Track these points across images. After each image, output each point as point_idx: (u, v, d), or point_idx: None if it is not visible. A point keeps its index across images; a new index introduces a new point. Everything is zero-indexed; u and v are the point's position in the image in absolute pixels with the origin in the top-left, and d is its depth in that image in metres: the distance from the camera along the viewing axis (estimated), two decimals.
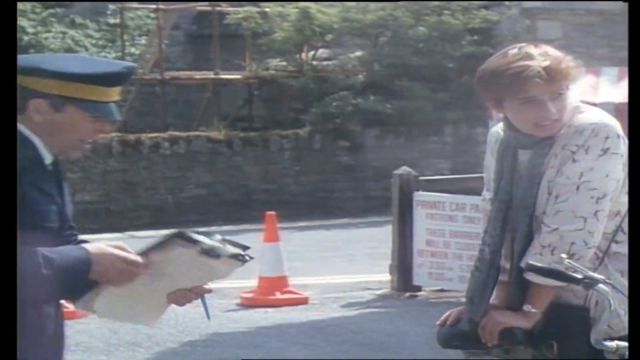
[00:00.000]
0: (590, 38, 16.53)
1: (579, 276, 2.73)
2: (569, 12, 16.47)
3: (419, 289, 8.99)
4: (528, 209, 2.93)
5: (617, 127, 2.93)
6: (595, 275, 2.75)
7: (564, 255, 2.79)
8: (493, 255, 3.02)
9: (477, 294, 3.00)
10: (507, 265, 3.03)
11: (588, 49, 16.32)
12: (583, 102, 3.07)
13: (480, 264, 3.05)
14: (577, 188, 2.87)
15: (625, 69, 6.75)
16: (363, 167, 16.18)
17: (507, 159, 3.02)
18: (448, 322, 3.06)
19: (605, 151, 2.88)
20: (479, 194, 3.23)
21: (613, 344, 2.80)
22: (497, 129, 3.15)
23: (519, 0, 16.52)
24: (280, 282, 8.76)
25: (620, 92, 6.31)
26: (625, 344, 2.78)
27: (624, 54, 14.39)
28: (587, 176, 2.87)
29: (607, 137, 2.89)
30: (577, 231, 2.85)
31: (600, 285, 2.73)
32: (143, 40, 17.95)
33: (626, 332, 2.84)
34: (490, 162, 3.11)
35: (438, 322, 3.06)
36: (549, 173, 2.93)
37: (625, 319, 2.83)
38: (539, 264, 2.80)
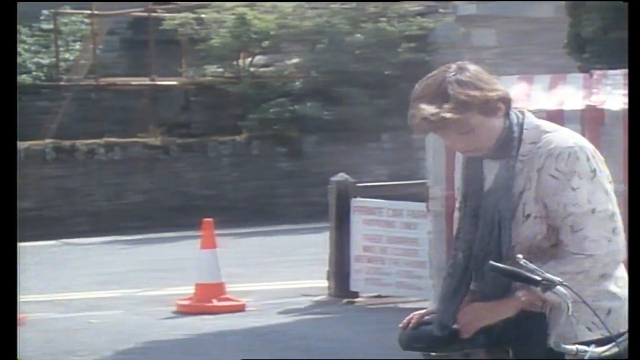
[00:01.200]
0: (525, 45, 16.71)
1: (537, 278, 2.76)
2: (504, 19, 16.64)
3: (356, 295, 9.00)
4: (503, 226, 2.97)
5: (590, 145, 3.02)
6: (554, 277, 2.79)
7: (520, 256, 2.83)
8: (466, 261, 3.04)
9: (448, 298, 3.02)
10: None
11: (522, 56, 16.52)
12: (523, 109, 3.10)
13: (453, 269, 3.07)
14: (592, 212, 2.94)
15: (558, 76, 6.82)
16: (303, 173, 16.18)
17: (473, 167, 3.08)
18: (410, 325, 3.06)
19: (594, 172, 2.96)
20: (417, 200, 3.26)
21: (573, 347, 2.84)
22: None
23: (456, 1, 16.65)
24: (217, 289, 8.72)
25: (552, 99, 6.37)
26: (585, 347, 2.81)
27: (559, 61, 14.60)
28: (594, 200, 2.94)
29: (588, 159, 2.96)
30: (610, 252, 2.93)
31: (559, 287, 2.76)
32: (78, 46, 17.76)
33: (577, 339, 2.88)
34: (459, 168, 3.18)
35: (400, 325, 3.08)
36: (527, 195, 2.97)
37: (578, 327, 2.87)
38: (501, 265, 2.83)
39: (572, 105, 6.19)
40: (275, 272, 10.77)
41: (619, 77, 6.48)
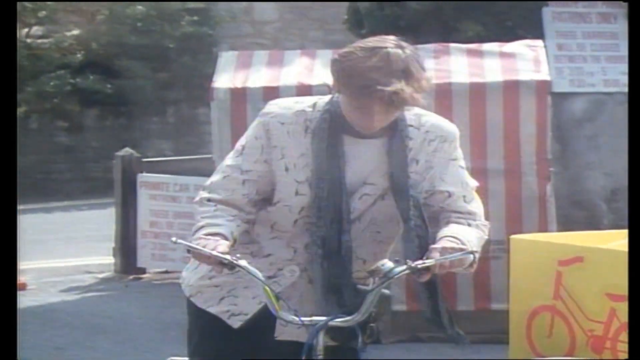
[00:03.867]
0: (304, 20, 16.95)
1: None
2: None
3: (143, 271, 8.94)
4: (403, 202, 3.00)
5: None
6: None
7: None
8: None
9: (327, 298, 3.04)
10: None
11: (302, 31, 16.76)
12: (301, 85, 3.15)
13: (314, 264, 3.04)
14: (473, 189, 3.14)
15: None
16: (82, 148, 15.85)
17: (332, 148, 3.00)
18: None
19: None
20: (203, 175, 3.24)
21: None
22: (292, 109, 3.07)
23: None
24: None
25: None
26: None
27: (336, 37, 14.86)
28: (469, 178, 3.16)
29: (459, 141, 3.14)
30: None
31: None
32: None
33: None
34: (285, 142, 3.03)
35: None
36: (418, 179, 3.03)
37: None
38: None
39: None
40: (55, 250, 10.53)
41: None
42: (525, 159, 6.49)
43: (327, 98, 3.07)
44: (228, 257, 2.85)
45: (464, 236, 2.98)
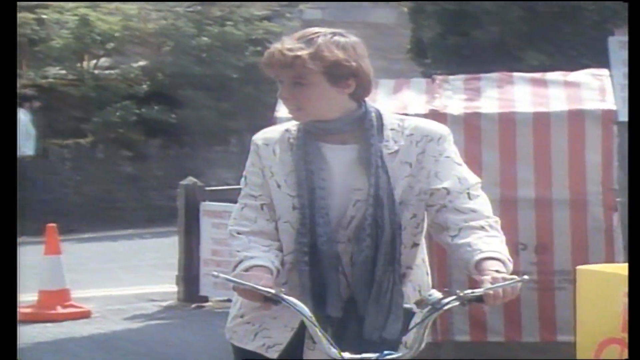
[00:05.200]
0: (367, 51, 16.99)
1: None
2: (347, 24, 16.83)
3: (205, 299, 8.97)
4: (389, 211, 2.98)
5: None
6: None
7: None
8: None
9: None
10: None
11: None
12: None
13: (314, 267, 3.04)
14: (475, 185, 3.08)
15: (402, 81, 6.96)
16: (147, 177, 16.00)
17: (313, 157, 3.03)
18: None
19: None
20: None
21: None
22: (277, 131, 3.15)
23: (302, 1, 16.79)
24: (61, 296, 8.54)
25: (396, 103, 6.51)
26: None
27: (400, 66, 14.84)
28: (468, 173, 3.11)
29: (452, 139, 3.12)
30: None
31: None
32: None
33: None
34: (271, 161, 3.08)
35: None
36: (412, 182, 3.01)
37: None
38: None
39: (415, 109, 6.33)
40: (119, 278, 10.62)
41: (459, 82, 6.66)
42: (591, 188, 6.40)
43: None
44: (272, 291, 2.85)
45: (500, 251, 2.92)
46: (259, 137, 3.16)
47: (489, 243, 2.91)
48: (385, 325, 2.93)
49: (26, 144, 14.64)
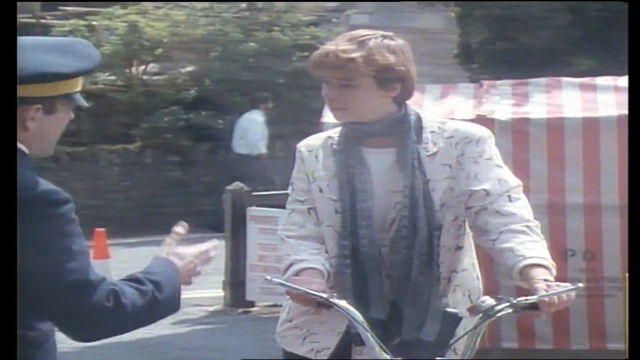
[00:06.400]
0: (414, 55, 16.95)
1: None
2: (392, 29, 16.66)
3: (252, 304, 8.99)
4: (430, 224, 2.98)
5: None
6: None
7: None
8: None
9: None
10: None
11: None
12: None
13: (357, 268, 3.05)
14: (516, 187, 3.05)
15: (449, 86, 6.93)
16: (193, 182, 16.08)
17: (354, 160, 3.04)
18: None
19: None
20: None
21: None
22: (320, 138, 3.18)
23: (349, 11, 16.79)
24: None
25: (443, 108, 6.48)
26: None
27: (447, 71, 14.78)
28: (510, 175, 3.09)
29: (493, 141, 3.10)
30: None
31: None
32: None
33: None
34: (314, 166, 3.11)
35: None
36: (452, 184, 3.00)
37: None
38: None
39: (462, 115, 6.30)
40: None
41: (507, 87, 6.62)
42: None
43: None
44: (325, 295, 2.84)
45: (544, 257, 2.87)
46: (303, 144, 3.21)
47: (532, 249, 2.87)
48: (422, 326, 2.92)
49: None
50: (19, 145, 2.53)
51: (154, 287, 2.61)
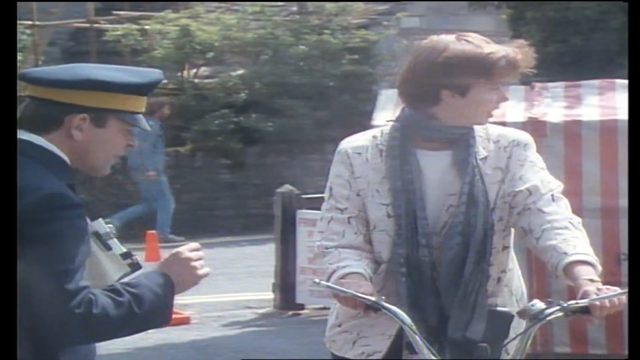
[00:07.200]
0: None
1: None
2: (445, 32, 16.74)
3: (302, 307, 8.99)
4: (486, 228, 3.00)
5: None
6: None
7: None
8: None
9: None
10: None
11: None
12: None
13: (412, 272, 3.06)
14: (557, 188, 3.12)
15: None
16: (244, 185, 16.13)
17: (409, 161, 3.03)
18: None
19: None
20: None
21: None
22: (364, 137, 3.15)
23: (399, 13, 16.76)
24: None
25: (495, 111, 6.44)
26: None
27: None
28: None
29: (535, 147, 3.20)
30: None
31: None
32: (19, 57, 17.58)
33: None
34: (366, 170, 3.08)
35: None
36: (501, 187, 3.06)
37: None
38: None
39: (514, 117, 6.25)
40: (217, 284, 10.71)
41: (559, 89, 6.56)
42: None
43: (390, 124, 3.13)
44: (373, 298, 2.83)
45: (587, 253, 2.87)
46: (347, 146, 3.14)
47: (575, 245, 2.89)
48: (469, 324, 2.91)
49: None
50: (54, 149, 2.51)
51: (133, 298, 2.55)
